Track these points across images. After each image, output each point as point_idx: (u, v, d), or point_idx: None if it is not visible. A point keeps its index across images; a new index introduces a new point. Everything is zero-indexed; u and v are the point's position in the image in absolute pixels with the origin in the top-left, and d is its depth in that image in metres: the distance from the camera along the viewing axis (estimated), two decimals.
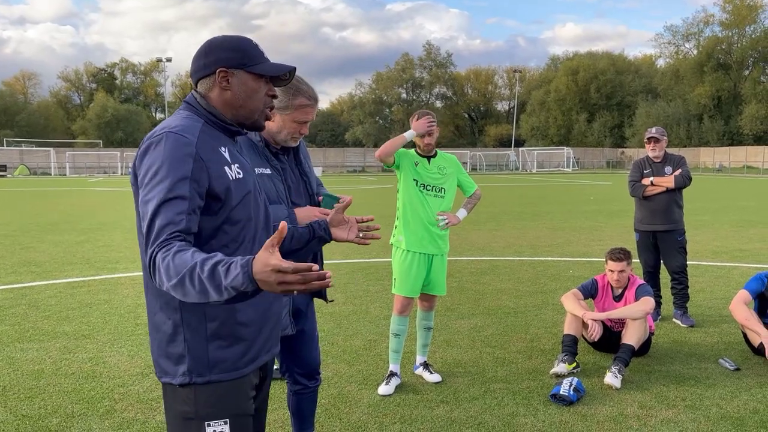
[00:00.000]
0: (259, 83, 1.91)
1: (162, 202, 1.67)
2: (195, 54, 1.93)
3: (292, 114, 2.71)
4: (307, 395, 3.14)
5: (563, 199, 23.15)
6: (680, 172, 5.98)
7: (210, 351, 1.83)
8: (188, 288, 1.55)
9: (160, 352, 1.86)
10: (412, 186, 4.30)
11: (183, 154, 1.73)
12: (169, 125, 1.80)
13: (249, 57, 1.89)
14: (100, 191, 29.20)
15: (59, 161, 57.74)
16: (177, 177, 1.70)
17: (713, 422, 3.76)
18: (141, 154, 1.77)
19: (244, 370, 1.89)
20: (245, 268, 1.49)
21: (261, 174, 2.71)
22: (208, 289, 1.53)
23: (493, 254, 10.00)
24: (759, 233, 12.42)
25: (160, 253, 1.62)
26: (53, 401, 4.09)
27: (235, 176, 1.85)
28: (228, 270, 1.51)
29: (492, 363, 4.82)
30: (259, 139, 2.75)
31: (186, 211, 1.69)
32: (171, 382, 1.84)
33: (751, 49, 67.76)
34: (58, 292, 7.31)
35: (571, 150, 67.07)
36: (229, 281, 1.50)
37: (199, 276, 1.53)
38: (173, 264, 1.57)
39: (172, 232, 1.65)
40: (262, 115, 1.96)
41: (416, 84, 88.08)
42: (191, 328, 1.81)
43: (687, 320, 5.85)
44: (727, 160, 60.53)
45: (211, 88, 1.90)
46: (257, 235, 1.95)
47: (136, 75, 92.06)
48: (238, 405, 1.89)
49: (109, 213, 17.50)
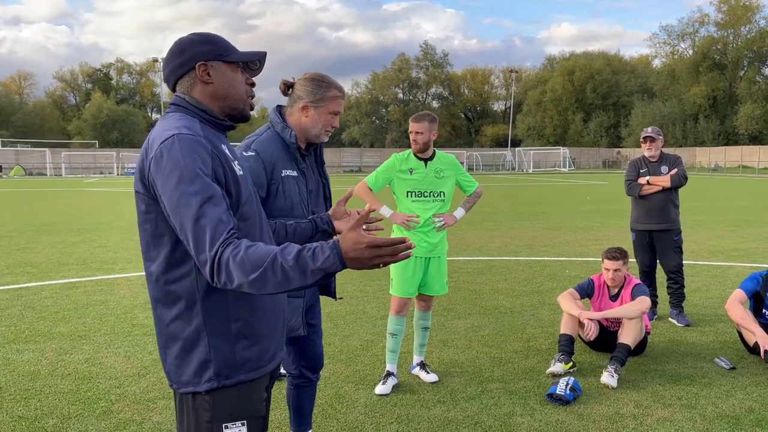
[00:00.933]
0: (236, 72, 1.91)
1: (202, 203, 1.65)
2: (167, 57, 1.92)
3: (326, 105, 2.78)
4: (308, 389, 3.19)
5: (560, 199, 23.19)
6: (676, 172, 6.00)
7: (237, 351, 1.82)
8: (269, 279, 1.59)
9: (178, 362, 1.82)
10: (404, 198, 4.31)
11: (202, 153, 1.72)
12: (172, 128, 1.76)
13: (222, 48, 1.90)
14: (96, 192, 29.14)
15: (55, 162, 57.55)
16: (205, 176, 1.69)
17: (709, 421, 3.77)
18: (155, 162, 1.70)
19: (266, 368, 1.91)
20: (335, 249, 1.58)
21: (287, 176, 2.74)
22: (292, 276, 1.58)
23: (489, 254, 10.02)
24: (754, 233, 12.46)
25: (227, 251, 1.60)
26: (49, 402, 4.08)
27: (240, 172, 1.86)
28: (314, 254, 1.58)
29: (489, 363, 4.83)
30: (294, 140, 2.77)
31: (226, 209, 1.69)
32: (195, 390, 1.81)
33: (746, 49, 67.95)
34: (54, 292, 7.29)
35: (568, 150, 67.18)
36: (319, 264, 1.57)
37: (282, 265, 1.57)
38: (249, 259, 1.59)
39: (228, 230, 1.64)
40: (246, 104, 1.95)
41: (413, 84, 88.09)
42: (215, 332, 1.80)
43: (683, 320, 5.87)
44: (723, 160, 60.69)
45: (193, 85, 1.88)
46: (263, 236, 1.95)
47: (131, 75, 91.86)
48: (254, 406, 1.89)
49: (106, 213, 17.46)
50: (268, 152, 2.73)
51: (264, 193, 2.70)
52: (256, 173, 2.67)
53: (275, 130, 2.81)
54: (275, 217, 2.62)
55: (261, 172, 2.69)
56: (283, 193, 2.73)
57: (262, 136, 2.80)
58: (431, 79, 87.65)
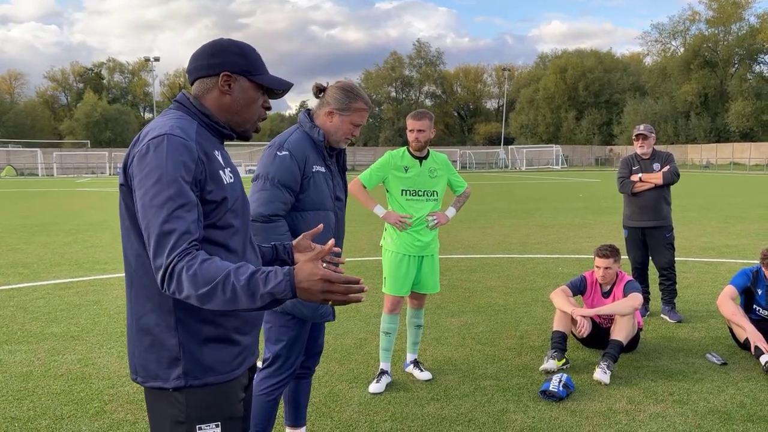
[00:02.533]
0: (258, 93, 1.91)
1: (173, 209, 1.64)
2: (198, 52, 1.90)
3: (351, 116, 2.92)
4: (305, 381, 3.25)
5: (552, 196, 23.25)
6: (668, 169, 6.03)
7: (205, 353, 1.81)
8: (218, 296, 1.58)
9: (147, 356, 1.82)
10: (399, 196, 4.31)
11: (186, 158, 1.70)
12: (166, 126, 1.75)
13: (254, 66, 1.89)
14: (89, 192, 29.00)
15: (46, 162, 57.20)
16: (184, 182, 1.67)
17: (701, 416, 3.80)
18: (139, 156, 1.71)
19: (237, 372, 1.88)
20: (288, 277, 1.57)
21: (317, 171, 2.89)
22: (240, 297, 1.57)
23: (483, 252, 10.04)
24: (745, 229, 12.54)
25: (182, 263, 1.60)
26: (42, 403, 4.06)
27: (228, 180, 1.84)
28: (267, 278, 1.57)
29: (482, 360, 4.84)
30: (322, 139, 2.90)
31: (196, 219, 1.68)
32: (163, 386, 1.80)
33: (737, 46, 68.23)
34: (46, 293, 7.26)
35: (560, 148, 67.33)
36: (269, 288, 1.56)
37: (233, 284, 1.56)
38: (201, 273, 1.58)
39: (191, 240, 1.63)
40: (254, 125, 1.96)
41: (406, 82, 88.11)
42: (187, 330, 1.79)
43: (675, 316, 5.91)
44: (714, 157, 61.00)
45: (210, 90, 1.87)
46: (246, 245, 1.93)
47: (123, 74, 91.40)
48: (230, 407, 1.87)
49: (98, 213, 17.39)
50: (300, 150, 2.87)
51: (298, 188, 2.85)
52: (291, 171, 2.83)
53: (304, 129, 2.95)
54: (308, 210, 2.87)
55: (295, 170, 2.83)
56: (315, 187, 2.89)
57: (292, 135, 2.93)
58: (424, 77, 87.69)
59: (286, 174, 2.82)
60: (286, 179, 2.82)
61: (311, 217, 2.89)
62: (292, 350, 2.97)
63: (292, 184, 2.83)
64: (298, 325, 2.94)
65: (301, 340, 2.98)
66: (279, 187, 2.81)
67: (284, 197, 2.82)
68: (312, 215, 2.89)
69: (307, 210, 2.88)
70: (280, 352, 2.94)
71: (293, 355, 2.98)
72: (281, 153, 2.84)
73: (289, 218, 2.87)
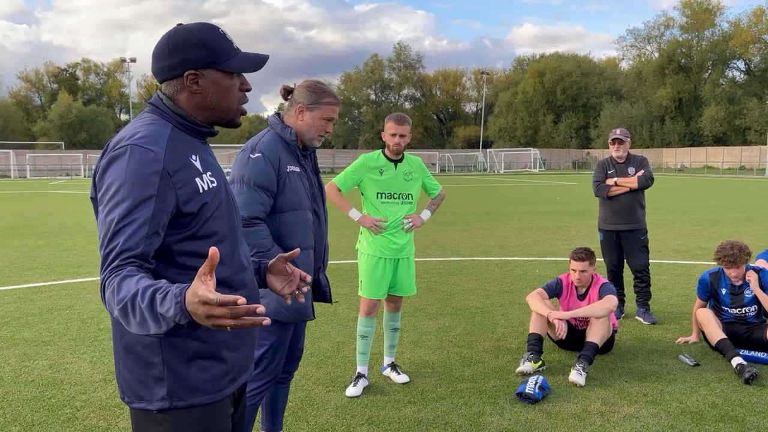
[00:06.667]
0: (231, 79, 1.76)
1: (121, 225, 1.54)
2: (156, 51, 1.74)
3: (321, 111, 2.94)
4: (284, 385, 3.24)
5: (530, 199, 23.43)
6: (643, 173, 6.11)
7: (191, 373, 1.70)
8: (130, 317, 1.42)
9: (131, 376, 1.72)
10: (374, 199, 4.31)
11: (148, 171, 1.58)
12: (134, 135, 1.64)
13: (218, 53, 1.72)
14: (62, 194, 28.54)
15: (19, 163, 56.19)
16: (140, 197, 1.56)
17: (674, 417, 3.85)
18: (103, 167, 1.63)
19: (225, 391, 1.79)
20: (178, 298, 1.35)
21: (292, 171, 2.90)
22: (147, 319, 1.38)
23: (461, 255, 10.07)
24: (718, 231, 12.75)
25: (109, 279, 1.50)
26: (12, 410, 3.98)
27: (208, 186, 1.72)
28: (165, 297, 1.37)
29: (459, 363, 4.85)
30: (294, 138, 2.92)
31: (145, 236, 1.56)
32: (147, 408, 1.71)
33: (710, 52, 69.57)
34: (17, 297, 7.12)
35: (538, 151, 67.99)
36: (164, 309, 1.36)
37: (139, 305, 1.39)
38: (117, 290, 1.45)
39: (126, 257, 1.52)
40: (237, 113, 1.82)
41: (385, 85, 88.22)
42: (171, 347, 1.68)
43: (649, 318, 5.98)
44: (689, 161, 62.03)
45: (180, 91, 1.74)
46: (235, 252, 1.81)
47: (99, 75, 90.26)
48: (218, 425, 1.79)
49: (71, 216, 17.11)
50: (273, 151, 2.87)
51: (275, 189, 2.86)
52: (265, 172, 2.83)
53: (275, 131, 2.95)
54: (286, 211, 2.88)
55: (270, 171, 2.84)
56: (291, 188, 2.89)
57: (264, 137, 2.93)
58: (404, 80, 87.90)
59: (261, 176, 2.82)
60: (262, 181, 2.82)
61: (289, 217, 2.89)
62: (276, 354, 2.95)
63: (268, 185, 2.83)
64: (280, 329, 2.92)
65: (284, 344, 2.97)
66: (255, 189, 2.81)
67: (262, 199, 2.82)
68: (290, 216, 2.89)
69: (285, 211, 2.88)
70: (263, 357, 2.92)
71: (276, 359, 2.96)
72: (254, 155, 2.84)
73: (267, 220, 2.86)
